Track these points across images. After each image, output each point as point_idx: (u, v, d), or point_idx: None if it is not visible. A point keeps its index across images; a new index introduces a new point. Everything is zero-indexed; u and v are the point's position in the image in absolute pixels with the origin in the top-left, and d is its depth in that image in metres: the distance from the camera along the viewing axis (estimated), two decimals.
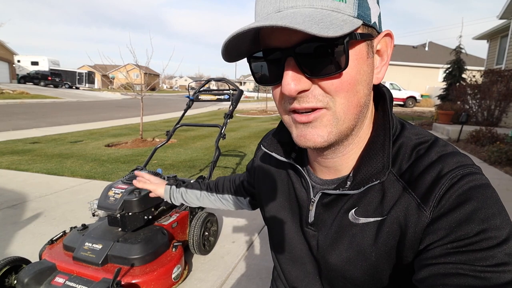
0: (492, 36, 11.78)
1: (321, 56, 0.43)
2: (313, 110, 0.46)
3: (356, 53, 0.44)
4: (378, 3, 0.48)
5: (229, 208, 0.97)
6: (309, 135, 0.47)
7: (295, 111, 0.47)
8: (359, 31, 0.44)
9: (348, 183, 0.52)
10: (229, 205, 0.96)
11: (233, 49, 0.46)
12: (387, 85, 18.74)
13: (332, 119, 0.46)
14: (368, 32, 0.45)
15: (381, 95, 0.54)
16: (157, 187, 1.01)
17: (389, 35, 0.49)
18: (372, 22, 0.45)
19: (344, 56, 0.42)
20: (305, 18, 0.40)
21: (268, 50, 0.46)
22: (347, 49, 0.42)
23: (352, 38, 0.42)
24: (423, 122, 10.34)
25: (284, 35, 0.43)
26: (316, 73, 0.44)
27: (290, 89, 0.43)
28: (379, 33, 0.48)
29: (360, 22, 0.43)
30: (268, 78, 0.49)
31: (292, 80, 0.43)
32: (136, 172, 1.07)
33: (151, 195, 1.05)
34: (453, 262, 0.40)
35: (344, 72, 0.43)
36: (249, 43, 0.46)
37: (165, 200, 1.01)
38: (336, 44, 0.42)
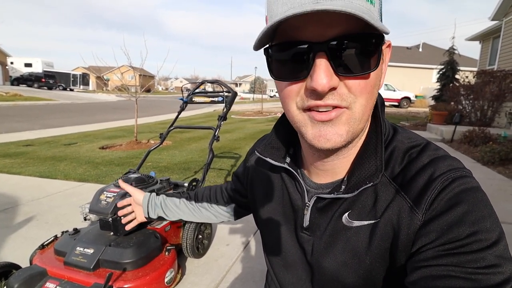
0: (484, 37, 11.92)
1: (354, 54, 0.42)
2: (333, 108, 0.44)
3: (382, 56, 0.45)
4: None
5: (207, 221, 0.90)
6: (329, 134, 0.45)
7: (311, 109, 0.45)
8: None
9: (343, 187, 0.53)
10: (208, 216, 0.89)
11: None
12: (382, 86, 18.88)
13: (350, 119, 0.45)
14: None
15: None
16: (137, 192, 0.93)
17: (390, 46, 0.50)
18: None
19: (377, 56, 0.42)
20: (354, 6, 0.38)
21: (292, 43, 0.43)
22: (381, 49, 0.42)
23: (383, 40, 0.42)
24: (418, 123, 10.41)
25: (320, 28, 0.41)
26: (347, 71, 0.42)
27: (324, 84, 0.41)
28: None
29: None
30: (287, 73, 0.45)
31: (326, 76, 0.41)
32: (120, 182, 1.00)
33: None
34: (445, 264, 0.40)
35: (371, 73, 0.43)
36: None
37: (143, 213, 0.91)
38: (372, 44, 0.41)
